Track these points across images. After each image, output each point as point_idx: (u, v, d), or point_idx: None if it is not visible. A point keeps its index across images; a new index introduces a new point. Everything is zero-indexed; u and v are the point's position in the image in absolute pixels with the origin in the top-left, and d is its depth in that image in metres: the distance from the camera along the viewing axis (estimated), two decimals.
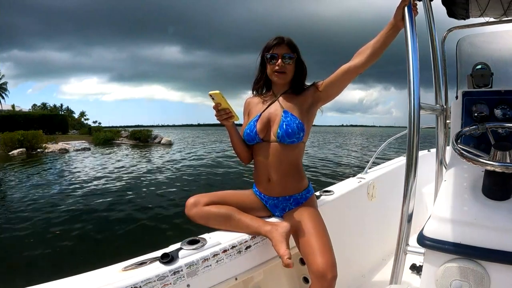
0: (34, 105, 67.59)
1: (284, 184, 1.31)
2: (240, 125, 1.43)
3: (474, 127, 1.34)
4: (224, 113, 1.24)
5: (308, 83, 1.39)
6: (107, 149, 20.26)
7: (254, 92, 1.43)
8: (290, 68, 1.31)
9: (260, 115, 1.34)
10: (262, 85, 1.40)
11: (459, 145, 1.18)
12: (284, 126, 1.26)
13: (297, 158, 1.33)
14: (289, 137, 1.26)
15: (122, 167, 11.79)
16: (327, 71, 1.36)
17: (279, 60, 1.29)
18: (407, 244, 1.18)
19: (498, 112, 1.38)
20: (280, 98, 1.35)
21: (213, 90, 1.19)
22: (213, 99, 1.21)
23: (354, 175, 2.13)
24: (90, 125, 55.73)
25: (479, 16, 1.64)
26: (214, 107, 1.24)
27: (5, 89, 50.58)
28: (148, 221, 5.22)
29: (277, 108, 1.32)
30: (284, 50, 1.29)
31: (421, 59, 1.14)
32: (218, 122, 1.28)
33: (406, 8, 1.16)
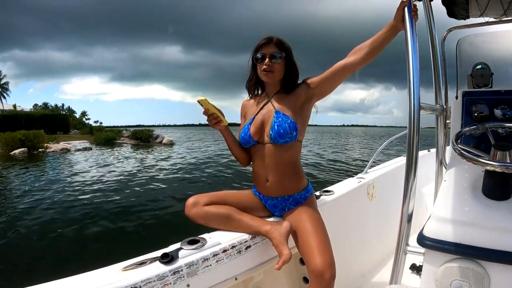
0: (36, 105, 67.79)
1: (282, 184, 1.31)
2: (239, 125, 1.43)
3: (474, 127, 1.34)
4: (212, 118, 1.26)
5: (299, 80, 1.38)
6: (108, 149, 20.29)
7: (250, 94, 1.44)
8: (278, 67, 1.31)
9: (254, 118, 1.34)
10: (254, 85, 1.41)
11: (459, 145, 1.18)
12: (276, 127, 1.26)
13: (293, 158, 1.32)
14: (281, 137, 1.26)
15: (123, 166, 11.80)
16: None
17: (267, 59, 1.29)
18: (407, 244, 1.18)
19: (498, 112, 1.38)
20: (273, 99, 1.35)
21: (201, 96, 1.23)
22: (201, 105, 1.23)
23: (354, 175, 2.13)
24: (91, 125, 55.85)
25: (479, 16, 1.64)
26: (204, 113, 1.26)
27: (7, 89, 50.70)
28: (148, 221, 5.23)
29: (270, 110, 1.33)
30: (272, 49, 1.29)
31: (421, 59, 1.14)
32: None
33: (405, 9, 1.16)
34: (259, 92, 1.43)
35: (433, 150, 1.83)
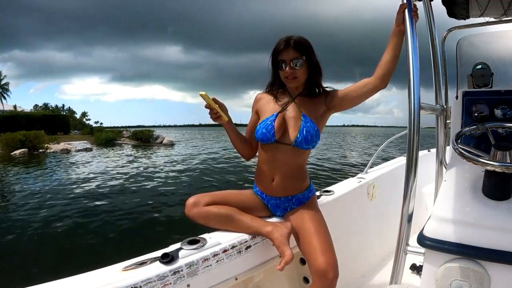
0: (36, 105, 67.82)
1: (286, 185, 1.30)
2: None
3: (474, 127, 1.34)
4: (213, 112, 1.26)
5: (324, 85, 1.35)
6: (109, 149, 20.30)
7: (268, 90, 1.39)
8: (301, 72, 1.26)
9: (277, 114, 1.29)
10: (277, 87, 1.37)
11: (459, 145, 1.18)
12: (304, 132, 1.24)
13: (303, 161, 1.33)
14: (306, 143, 1.24)
15: (124, 167, 11.81)
16: (328, 71, 1.34)
17: (288, 68, 1.25)
18: (407, 244, 1.18)
19: (498, 112, 1.38)
20: (297, 100, 1.31)
21: (203, 91, 1.23)
22: (204, 99, 1.23)
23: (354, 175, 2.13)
24: (91, 125, 55.96)
25: (479, 16, 1.64)
26: (206, 106, 1.25)
27: (7, 90, 50.70)
28: (149, 221, 5.23)
29: (295, 111, 1.29)
30: (292, 55, 1.24)
31: (421, 59, 1.14)
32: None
33: (406, 10, 1.17)
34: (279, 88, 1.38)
35: (433, 150, 1.83)
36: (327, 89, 1.34)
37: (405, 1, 1.18)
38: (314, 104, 1.31)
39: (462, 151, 1.10)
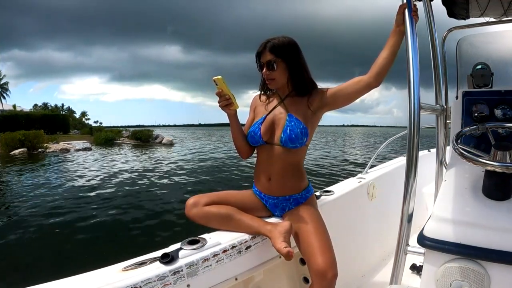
0: (35, 105, 67.66)
1: (284, 184, 1.31)
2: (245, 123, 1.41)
3: (474, 127, 1.34)
4: (224, 99, 1.23)
5: (324, 85, 1.36)
6: (108, 149, 20.29)
7: (261, 92, 1.42)
8: (277, 73, 1.28)
9: (265, 117, 1.33)
10: (267, 88, 1.39)
11: (459, 145, 1.18)
12: (288, 131, 1.25)
13: (299, 160, 1.33)
14: (292, 142, 1.25)
15: (123, 167, 11.81)
16: (328, 71, 1.33)
17: (264, 69, 1.28)
18: (407, 244, 1.19)
19: (498, 112, 1.39)
20: (286, 101, 1.33)
21: (216, 76, 1.19)
22: (216, 84, 1.20)
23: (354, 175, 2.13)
24: (91, 125, 55.95)
25: (479, 16, 1.64)
26: (217, 93, 1.22)
27: (6, 89, 50.59)
28: (148, 221, 5.23)
29: (282, 111, 1.31)
30: (267, 57, 1.26)
31: (421, 59, 1.14)
32: (219, 122, 1.28)
33: (405, 10, 1.17)
34: (272, 91, 1.41)
35: (433, 150, 1.84)
36: (320, 88, 1.35)
37: (405, 1, 1.18)
38: (303, 103, 1.31)
39: (462, 151, 1.10)
